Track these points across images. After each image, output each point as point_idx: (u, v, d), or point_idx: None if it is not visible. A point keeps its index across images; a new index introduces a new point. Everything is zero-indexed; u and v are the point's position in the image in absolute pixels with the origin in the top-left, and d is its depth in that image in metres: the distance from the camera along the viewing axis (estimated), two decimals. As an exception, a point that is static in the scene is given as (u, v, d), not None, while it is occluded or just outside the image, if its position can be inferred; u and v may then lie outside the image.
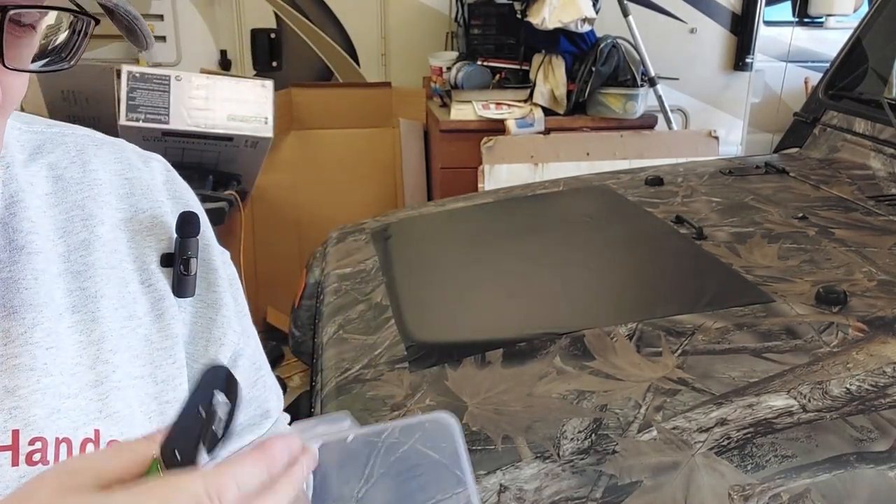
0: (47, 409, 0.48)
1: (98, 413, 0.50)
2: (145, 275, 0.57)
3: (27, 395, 0.48)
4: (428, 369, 1.14)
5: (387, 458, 0.79)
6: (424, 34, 3.39)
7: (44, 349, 0.49)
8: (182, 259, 0.57)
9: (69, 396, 0.49)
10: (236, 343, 0.63)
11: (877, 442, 0.92)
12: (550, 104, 2.94)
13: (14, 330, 0.49)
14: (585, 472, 0.89)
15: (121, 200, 0.58)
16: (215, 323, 0.61)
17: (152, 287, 0.57)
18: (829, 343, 1.13)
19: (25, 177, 0.53)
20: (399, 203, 3.15)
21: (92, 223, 0.55)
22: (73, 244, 0.53)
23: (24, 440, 0.47)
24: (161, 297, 0.57)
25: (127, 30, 0.44)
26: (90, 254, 0.54)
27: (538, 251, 1.58)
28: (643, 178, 2.01)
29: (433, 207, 2.00)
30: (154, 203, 0.59)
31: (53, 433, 0.48)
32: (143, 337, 0.55)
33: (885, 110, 1.98)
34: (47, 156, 0.56)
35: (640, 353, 1.13)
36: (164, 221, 0.59)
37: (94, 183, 0.56)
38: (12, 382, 0.47)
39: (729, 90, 3.65)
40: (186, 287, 0.58)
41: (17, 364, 0.48)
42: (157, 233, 0.58)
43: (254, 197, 2.72)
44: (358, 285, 1.52)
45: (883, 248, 1.48)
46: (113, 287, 0.54)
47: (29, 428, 0.47)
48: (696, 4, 3.49)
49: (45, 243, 0.52)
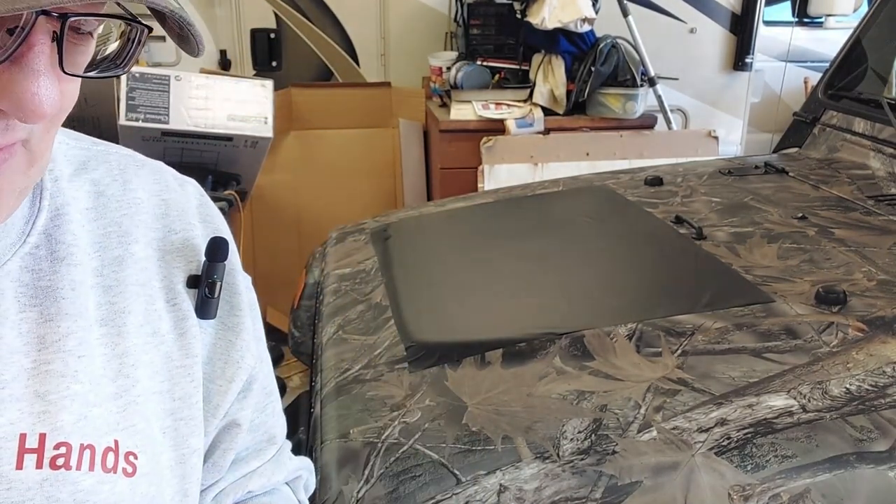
0: (75, 415, 0.49)
1: (117, 424, 0.52)
2: (171, 294, 0.58)
3: (57, 400, 0.49)
4: (428, 369, 1.14)
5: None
6: (424, 34, 3.39)
7: (75, 357, 0.50)
8: (208, 282, 0.59)
9: (95, 405, 0.51)
10: (252, 367, 0.65)
11: (877, 442, 0.92)
12: (550, 104, 2.94)
13: (49, 336, 0.50)
14: (585, 473, 0.89)
15: (156, 220, 0.59)
16: (234, 346, 0.63)
17: (177, 307, 0.58)
18: (829, 343, 1.13)
19: (70, 191, 0.55)
20: (399, 203, 3.15)
21: (127, 241, 0.57)
22: (108, 259, 0.55)
23: (50, 444, 0.48)
24: (184, 316, 0.58)
25: (179, 36, 0.45)
26: (122, 270, 0.55)
27: (538, 251, 1.58)
28: (643, 178, 2.01)
29: (433, 207, 2.00)
30: (186, 225, 0.61)
31: (79, 439, 0.49)
32: (164, 354, 0.56)
33: (885, 110, 1.98)
34: (91, 172, 0.57)
35: (639, 353, 1.13)
36: (195, 244, 0.61)
37: (132, 202, 0.58)
38: (43, 387, 0.49)
39: (728, 90, 3.65)
40: (209, 309, 0.59)
41: (50, 370, 0.49)
42: (186, 254, 0.60)
43: (254, 197, 2.72)
44: (357, 285, 1.52)
45: (882, 248, 1.48)
46: (140, 304, 0.56)
47: (56, 432, 0.48)
48: (695, 4, 3.49)
49: (83, 256, 0.53)
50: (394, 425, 1.01)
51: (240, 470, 0.67)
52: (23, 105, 0.39)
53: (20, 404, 0.48)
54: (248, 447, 0.67)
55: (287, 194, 3.09)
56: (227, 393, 0.62)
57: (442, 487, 0.89)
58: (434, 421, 1.01)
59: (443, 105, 3.06)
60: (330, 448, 1.01)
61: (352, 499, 0.91)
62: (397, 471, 0.93)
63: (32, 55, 0.39)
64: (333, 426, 1.06)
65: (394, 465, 0.94)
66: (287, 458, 0.72)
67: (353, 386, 1.14)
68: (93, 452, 0.50)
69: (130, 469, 0.52)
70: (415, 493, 0.90)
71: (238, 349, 0.63)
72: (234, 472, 0.66)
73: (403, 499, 0.89)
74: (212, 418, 0.62)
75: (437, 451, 0.95)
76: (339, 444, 1.01)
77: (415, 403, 1.06)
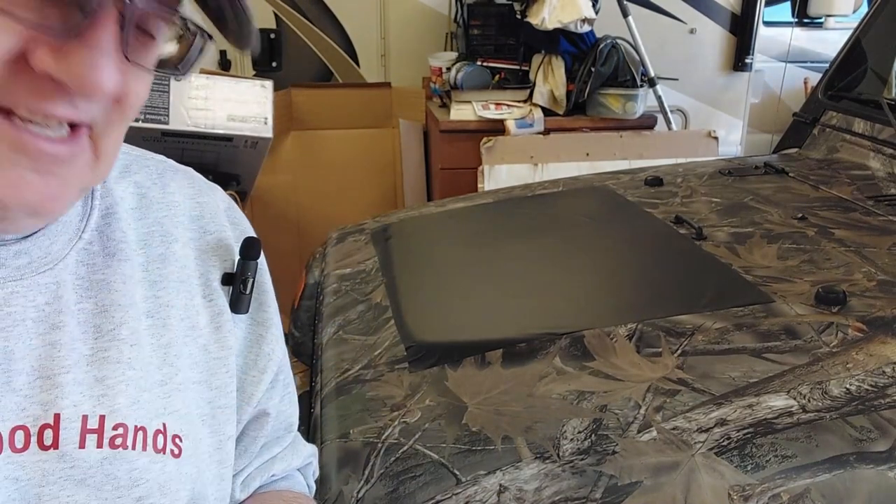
0: (129, 398, 0.53)
1: (164, 409, 0.55)
2: (208, 290, 0.62)
3: (114, 384, 0.52)
4: (428, 370, 1.14)
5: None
6: (424, 34, 3.39)
7: (129, 345, 0.54)
8: (242, 279, 0.63)
9: (146, 390, 0.54)
10: (281, 359, 0.69)
11: (877, 442, 0.92)
12: (550, 104, 2.94)
13: (104, 326, 0.54)
14: (585, 473, 0.89)
15: (192, 221, 0.63)
16: (265, 339, 0.67)
17: (213, 302, 0.62)
18: (829, 343, 1.13)
19: (118, 191, 0.59)
20: (399, 203, 3.15)
21: (168, 240, 0.60)
22: (152, 256, 0.59)
23: (109, 425, 0.51)
24: (220, 311, 0.62)
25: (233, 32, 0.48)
26: (165, 267, 0.59)
27: (538, 251, 1.58)
28: (643, 179, 2.01)
29: (433, 208, 2.00)
30: (220, 227, 0.65)
31: (133, 421, 0.53)
32: (202, 346, 0.60)
33: (885, 110, 1.98)
34: (134, 175, 0.61)
35: (639, 353, 1.13)
36: (228, 244, 0.64)
37: (171, 204, 0.62)
38: (101, 373, 0.52)
39: (728, 90, 3.65)
40: (242, 304, 0.63)
41: (107, 357, 0.53)
42: (220, 254, 0.64)
43: (254, 197, 2.72)
44: (358, 286, 1.52)
45: (882, 248, 1.48)
46: (181, 299, 0.59)
47: (114, 414, 0.52)
48: (695, 5, 3.49)
49: (131, 252, 0.57)
50: (394, 425, 1.01)
51: (263, 455, 0.71)
52: (84, 78, 0.41)
53: (81, 388, 0.51)
54: (269, 434, 0.70)
55: (287, 194, 3.09)
56: (259, 383, 0.66)
57: (442, 487, 0.89)
58: (434, 421, 1.01)
59: (443, 105, 3.06)
60: (330, 448, 1.01)
61: (352, 499, 0.91)
62: (397, 471, 0.93)
63: (99, 33, 0.41)
64: (333, 426, 1.06)
65: (394, 465, 0.94)
66: (301, 445, 0.76)
67: (353, 386, 1.14)
68: (145, 434, 0.53)
69: (177, 451, 0.55)
70: (415, 493, 0.90)
71: (268, 342, 0.67)
72: (259, 458, 0.70)
73: (403, 499, 0.89)
74: (245, 406, 0.65)
75: (438, 451, 0.95)
76: (339, 444, 1.01)
77: (415, 403, 1.06)
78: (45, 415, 0.49)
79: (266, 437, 0.69)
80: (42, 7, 0.40)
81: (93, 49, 0.41)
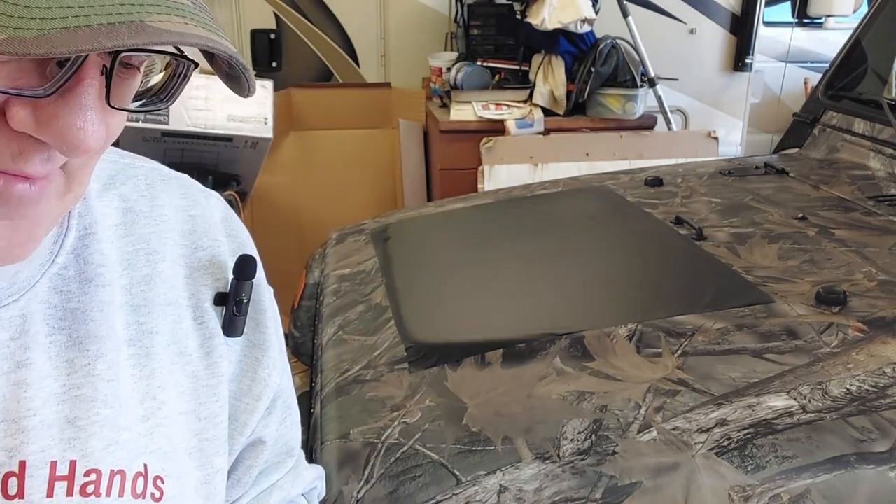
0: (105, 440, 0.49)
1: (145, 448, 0.51)
2: (198, 312, 0.57)
3: (86, 426, 0.48)
4: (428, 370, 1.14)
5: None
6: (424, 35, 3.39)
7: (105, 381, 0.50)
8: (235, 300, 0.58)
9: (124, 429, 0.50)
10: (279, 384, 0.64)
11: (877, 442, 0.92)
12: (550, 105, 2.94)
13: (78, 360, 0.49)
14: (585, 473, 0.89)
15: (183, 237, 0.58)
16: (261, 364, 0.62)
17: (204, 325, 0.58)
18: (830, 343, 1.13)
19: (99, 207, 0.54)
20: (399, 204, 3.15)
21: (155, 259, 0.56)
22: (136, 278, 0.54)
23: (80, 471, 0.47)
24: (211, 335, 0.58)
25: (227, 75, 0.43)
26: (150, 290, 0.55)
27: (538, 252, 1.58)
28: (643, 179, 2.01)
29: (433, 208, 2.00)
30: (213, 242, 0.60)
31: (109, 465, 0.49)
32: (190, 374, 0.56)
33: (885, 110, 1.98)
34: (120, 187, 0.56)
35: (639, 353, 1.13)
36: (222, 261, 0.60)
37: (160, 218, 0.57)
38: (73, 413, 0.48)
39: (728, 91, 3.65)
40: (237, 327, 0.59)
41: (80, 395, 0.49)
42: (213, 272, 0.59)
43: (254, 197, 2.72)
44: (357, 286, 1.52)
45: (883, 248, 1.48)
46: (167, 324, 0.55)
47: (86, 459, 0.48)
48: (695, 5, 3.49)
49: (112, 275, 0.53)
50: (394, 426, 1.01)
51: (261, 484, 0.66)
52: (67, 139, 0.38)
53: (51, 431, 0.47)
54: (267, 460, 0.66)
55: (287, 195, 3.09)
56: (254, 411, 0.62)
57: (442, 488, 0.89)
58: (434, 421, 1.01)
59: (443, 105, 3.06)
60: (330, 448, 1.01)
61: (352, 499, 0.91)
62: (397, 471, 0.93)
63: (81, 89, 0.37)
64: (333, 427, 1.06)
65: (394, 465, 0.94)
66: (304, 469, 0.72)
67: (353, 386, 1.14)
68: (123, 478, 0.49)
69: (158, 494, 0.51)
70: (415, 493, 0.89)
71: (265, 367, 0.62)
72: (256, 487, 0.66)
73: (403, 499, 0.89)
74: (238, 436, 0.61)
75: (438, 452, 0.95)
76: (339, 445, 1.01)
77: (415, 404, 1.06)
78: (10, 462, 0.45)
79: (263, 464, 0.65)
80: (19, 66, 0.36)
81: (75, 107, 0.37)
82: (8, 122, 0.37)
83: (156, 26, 0.35)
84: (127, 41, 0.34)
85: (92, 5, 0.33)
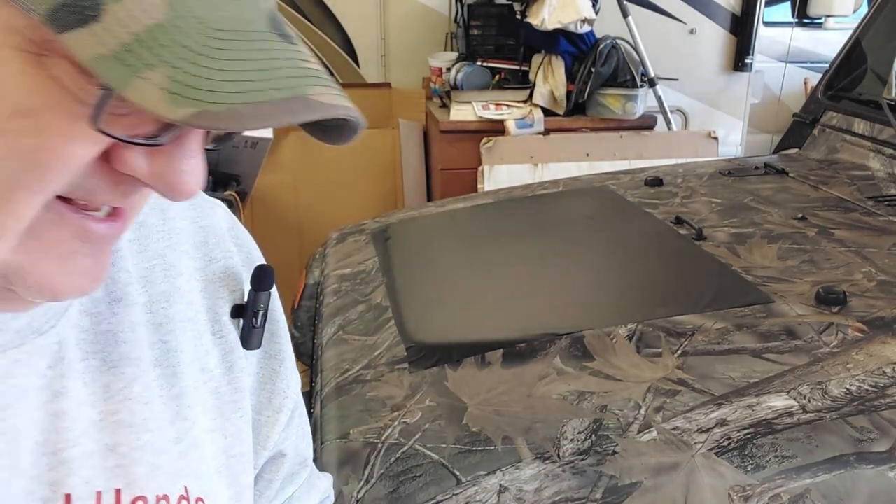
0: (148, 465, 0.48)
1: (182, 470, 0.50)
2: (217, 326, 0.56)
3: (128, 452, 0.47)
4: (428, 370, 1.14)
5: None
6: (424, 35, 3.39)
7: (142, 404, 0.49)
8: (253, 311, 0.57)
9: (163, 452, 0.49)
10: (297, 394, 0.63)
11: (877, 442, 0.92)
12: (550, 105, 2.94)
13: (114, 385, 0.48)
14: (585, 473, 0.89)
15: (196, 249, 0.57)
16: (279, 375, 0.61)
17: (223, 339, 0.56)
18: (829, 343, 1.13)
19: None
20: (399, 204, 3.15)
21: (172, 274, 0.54)
22: (155, 295, 0.52)
23: (127, 499, 0.46)
24: (231, 348, 0.56)
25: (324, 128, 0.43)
26: (171, 306, 0.53)
27: (538, 252, 1.58)
28: (643, 179, 2.01)
29: (433, 208, 2.00)
30: (226, 253, 0.59)
31: (153, 491, 0.48)
32: (213, 390, 0.55)
33: (885, 111, 1.98)
34: None
35: (640, 353, 1.13)
36: (236, 272, 0.58)
37: (173, 231, 0.55)
38: (113, 440, 0.47)
39: (728, 91, 3.65)
40: (254, 339, 0.58)
41: (118, 420, 0.47)
42: (228, 284, 0.58)
43: (254, 197, 2.72)
44: (358, 286, 1.52)
45: (882, 249, 1.48)
46: (189, 341, 0.54)
47: (131, 487, 0.47)
48: (695, 5, 3.50)
49: (136, 294, 0.51)
50: (394, 426, 1.01)
51: (279, 498, 0.65)
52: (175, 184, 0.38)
53: (92, 460, 0.46)
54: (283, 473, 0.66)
55: (287, 195, 3.09)
56: (275, 424, 0.61)
57: (442, 488, 0.89)
58: (434, 421, 1.01)
59: (443, 106, 3.06)
60: (330, 448, 1.01)
61: (352, 499, 0.91)
62: (397, 471, 0.93)
63: (192, 137, 0.39)
64: (334, 426, 1.06)
65: (394, 465, 0.94)
66: (317, 479, 0.71)
67: (353, 386, 1.14)
68: (167, 503, 0.48)
69: None
70: (415, 493, 0.90)
71: (283, 378, 0.61)
72: (276, 501, 0.65)
73: (403, 499, 0.89)
74: (261, 450, 0.60)
75: (438, 452, 0.95)
76: (339, 445, 1.01)
77: (415, 404, 1.06)
78: (55, 496, 0.44)
79: (282, 478, 0.64)
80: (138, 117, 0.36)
81: (185, 154, 0.38)
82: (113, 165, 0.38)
83: (317, 100, 0.37)
84: (301, 116, 0.36)
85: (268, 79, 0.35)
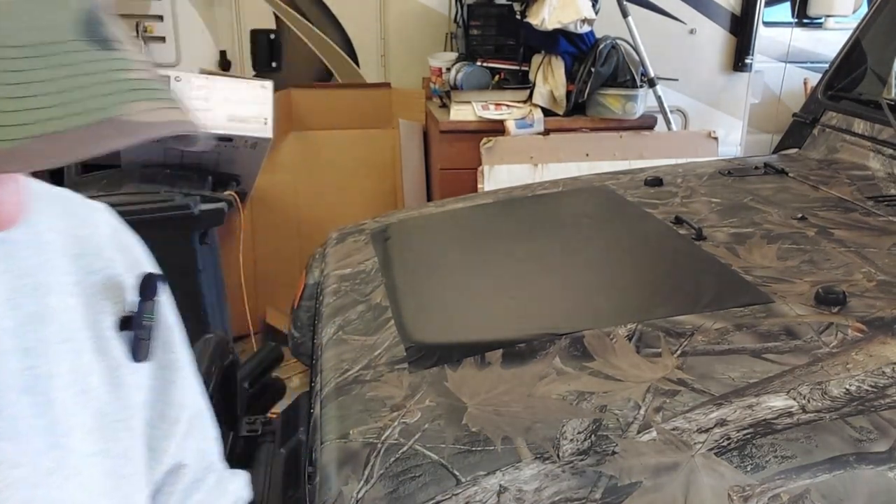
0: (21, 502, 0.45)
1: (61, 502, 0.47)
2: (100, 342, 0.52)
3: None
4: (427, 370, 1.14)
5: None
6: (424, 35, 3.39)
7: (6, 440, 0.45)
8: (139, 322, 0.54)
9: (37, 486, 0.46)
10: (198, 401, 0.61)
11: (876, 442, 0.92)
12: (550, 105, 2.94)
13: None
14: (585, 473, 0.89)
15: (71, 262, 0.52)
16: (175, 385, 0.58)
17: (108, 355, 0.53)
18: (829, 343, 1.13)
19: None
20: (399, 204, 3.16)
21: (42, 293, 0.49)
22: (23, 318, 0.48)
23: None
24: (117, 364, 0.53)
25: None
26: (42, 328, 0.48)
27: (538, 252, 1.59)
28: (643, 179, 2.01)
29: (433, 208, 2.00)
30: (106, 262, 0.55)
31: None
32: (96, 411, 0.51)
33: (884, 111, 1.98)
34: None
35: (639, 353, 1.13)
36: (119, 282, 0.54)
37: (42, 245, 0.51)
38: None
39: (728, 91, 3.65)
40: (143, 351, 0.54)
41: None
42: (111, 295, 0.54)
43: (254, 197, 2.73)
44: (357, 286, 1.52)
45: (882, 249, 1.48)
46: (65, 363, 0.49)
47: None
48: (695, 5, 3.50)
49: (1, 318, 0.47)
50: (394, 426, 1.01)
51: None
52: None
53: None
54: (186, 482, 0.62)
55: (287, 195, 3.09)
56: (172, 437, 0.58)
57: (442, 488, 0.89)
58: (434, 421, 1.01)
59: (443, 106, 3.06)
60: (330, 448, 1.01)
61: (351, 499, 0.91)
62: (397, 471, 0.93)
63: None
64: (333, 427, 1.06)
65: (394, 465, 0.94)
66: (228, 481, 0.67)
67: (352, 386, 1.14)
68: None
69: None
70: (415, 493, 0.90)
71: (179, 388, 0.58)
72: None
73: (403, 499, 0.89)
74: (157, 465, 0.57)
75: (437, 452, 0.95)
76: (338, 445, 1.01)
77: (415, 404, 1.06)
78: None
79: (182, 489, 0.61)
80: None
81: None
82: None
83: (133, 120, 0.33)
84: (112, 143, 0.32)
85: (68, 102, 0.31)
